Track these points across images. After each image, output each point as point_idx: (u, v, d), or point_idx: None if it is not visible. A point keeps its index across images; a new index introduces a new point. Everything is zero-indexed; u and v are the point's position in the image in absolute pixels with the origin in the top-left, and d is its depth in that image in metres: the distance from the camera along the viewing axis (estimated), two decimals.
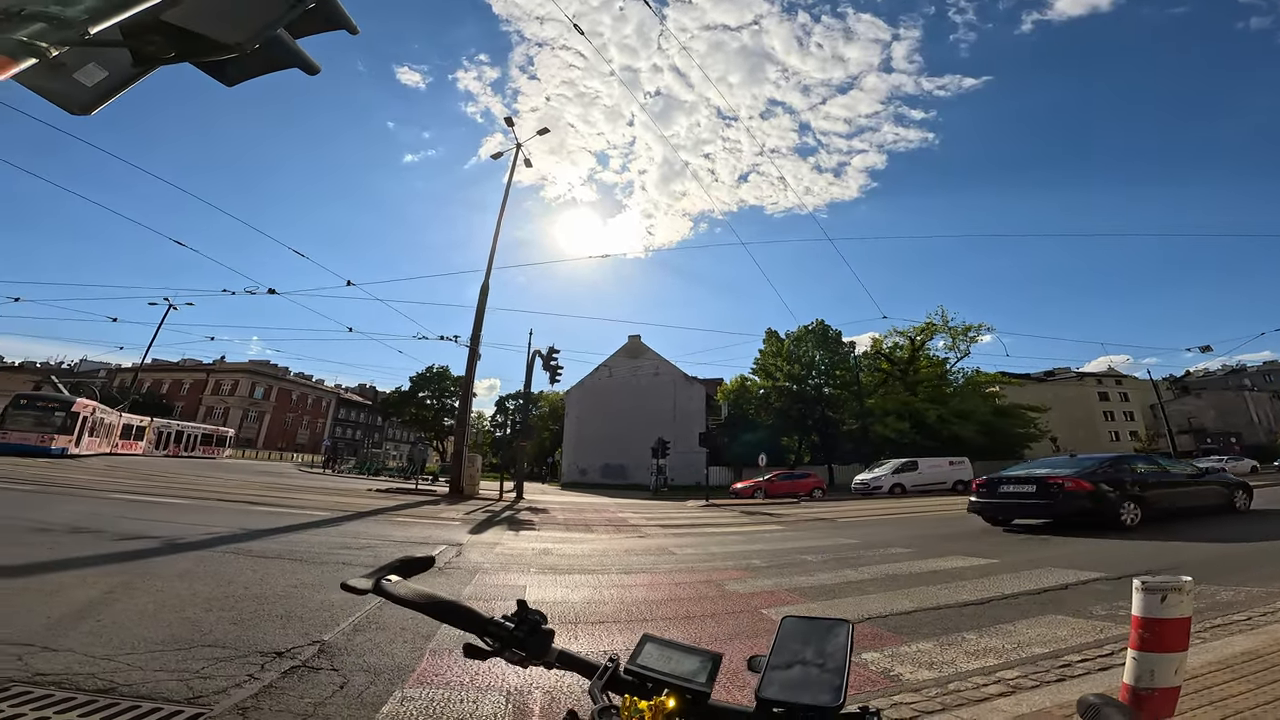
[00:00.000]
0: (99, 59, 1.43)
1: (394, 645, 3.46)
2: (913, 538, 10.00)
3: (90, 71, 1.43)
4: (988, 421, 39.21)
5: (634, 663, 0.74)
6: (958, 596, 5.30)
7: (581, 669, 0.77)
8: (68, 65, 1.38)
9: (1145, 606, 2.23)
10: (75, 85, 1.42)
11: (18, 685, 2.39)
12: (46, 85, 1.38)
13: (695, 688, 0.69)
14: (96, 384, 50.42)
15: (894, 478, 28.53)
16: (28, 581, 4.12)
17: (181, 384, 70.11)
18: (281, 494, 14.67)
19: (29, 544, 5.45)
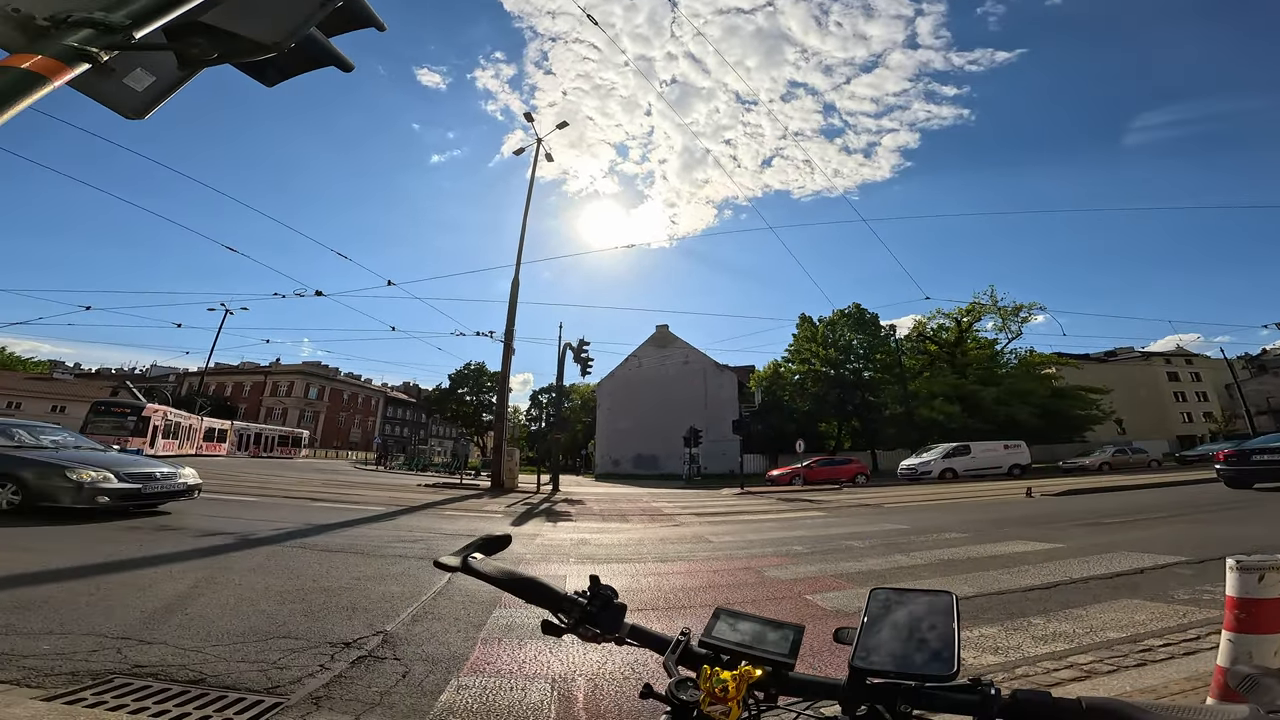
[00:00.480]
0: (146, 63, 1.52)
1: (449, 634, 3.64)
2: (968, 523, 9.67)
3: (139, 76, 1.52)
4: (1045, 403, 37.48)
5: (708, 635, 0.73)
6: (1021, 581, 5.13)
7: (653, 644, 0.76)
8: (118, 71, 1.47)
9: (1241, 586, 2.16)
10: (127, 90, 1.52)
11: (120, 677, 2.63)
12: (101, 91, 1.48)
13: (777, 658, 0.67)
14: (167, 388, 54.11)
15: (944, 462, 27.57)
16: (123, 577, 4.52)
17: (243, 386, 74.37)
18: (341, 490, 15.51)
19: (122, 541, 5.97)
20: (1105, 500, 13.34)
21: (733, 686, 0.60)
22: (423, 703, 2.65)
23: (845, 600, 4.70)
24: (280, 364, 74.99)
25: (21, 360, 66.41)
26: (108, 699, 2.34)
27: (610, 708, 2.66)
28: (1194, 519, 9.22)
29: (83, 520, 7.16)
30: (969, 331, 43.52)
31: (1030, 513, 11.10)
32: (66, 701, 2.23)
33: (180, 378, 68.60)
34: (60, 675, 2.57)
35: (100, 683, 2.52)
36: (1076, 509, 11.39)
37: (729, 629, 0.74)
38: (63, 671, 2.61)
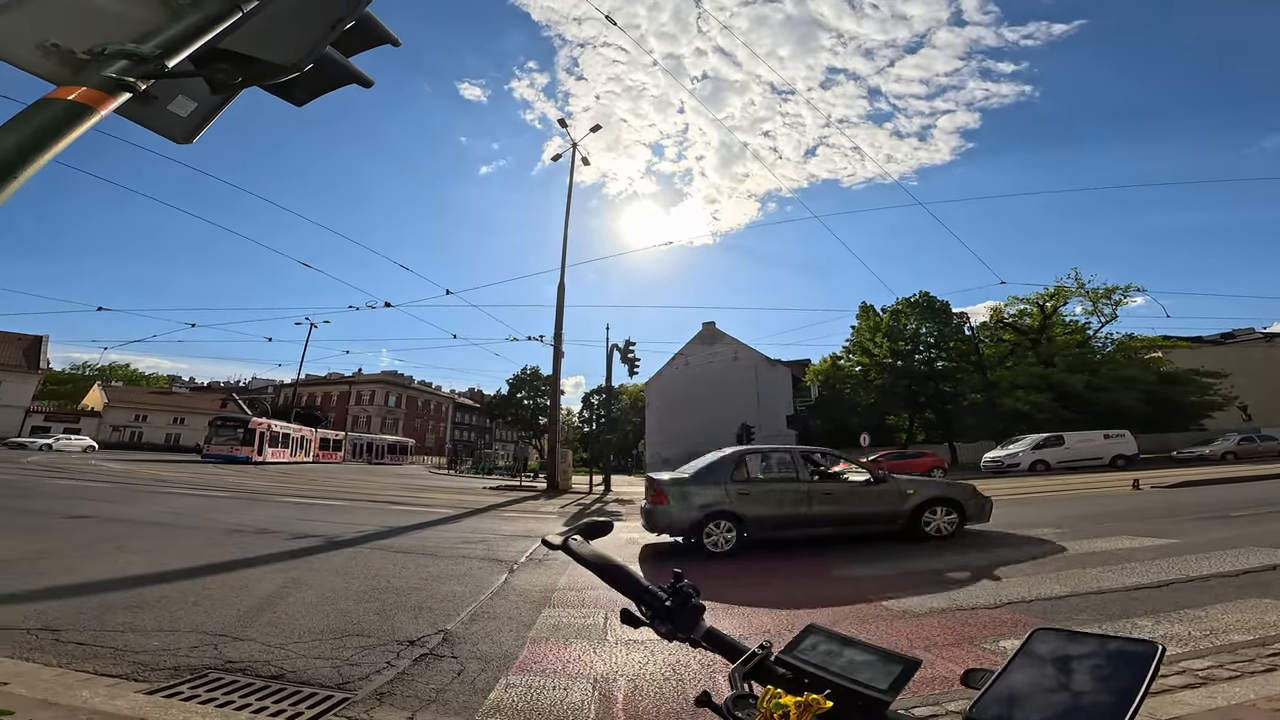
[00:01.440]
0: (186, 90, 1.64)
1: (501, 634, 3.79)
2: (1062, 518, 8.91)
3: (181, 103, 1.64)
4: (1151, 389, 34.03)
5: (790, 653, 0.66)
6: (1125, 579, 4.71)
7: (726, 651, 0.71)
8: (160, 98, 1.60)
9: None
10: (171, 116, 1.64)
11: (213, 672, 2.92)
12: (147, 118, 1.60)
13: (871, 692, 0.58)
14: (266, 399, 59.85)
15: (1034, 454, 25.50)
16: (224, 578, 5.05)
17: (330, 396, 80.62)
18: (415, 494, 16.52)
19: (225, 544, 6.65)
20: (1229, 492, 11.86)
21: (794, 714, 0.53)
22: (474, 700, 2.79)
23: (916, 601, 4.45)
24: (362, 374, 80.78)
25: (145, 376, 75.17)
26: (200, 693, 2.64)
27: (649, 709, 2.68)
28: None
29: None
30: (1054, 316, 40.41)
31: (1138, 506, 10.05)
32: (165, 695, 2.53)
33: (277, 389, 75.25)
34: (164, 670, 2.92)
35: (196, 678, 2.84)
36: (1194, 501, 10.23)
37: (817, 649, 0.65)
38: (166, 666, 2.96)
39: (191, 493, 12.94)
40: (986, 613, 4.05)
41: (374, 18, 1.90)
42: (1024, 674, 0.55)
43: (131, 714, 2.26)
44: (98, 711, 2.23)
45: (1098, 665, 0.53)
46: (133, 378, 71.37)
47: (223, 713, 2.39)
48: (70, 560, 5.30)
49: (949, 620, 3.93)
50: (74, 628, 3.45)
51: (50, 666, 2.81)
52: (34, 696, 2.19)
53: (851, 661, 0.63)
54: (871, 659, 0.62)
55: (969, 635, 3.60)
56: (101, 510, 8.99)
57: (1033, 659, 0.57)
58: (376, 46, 1.99)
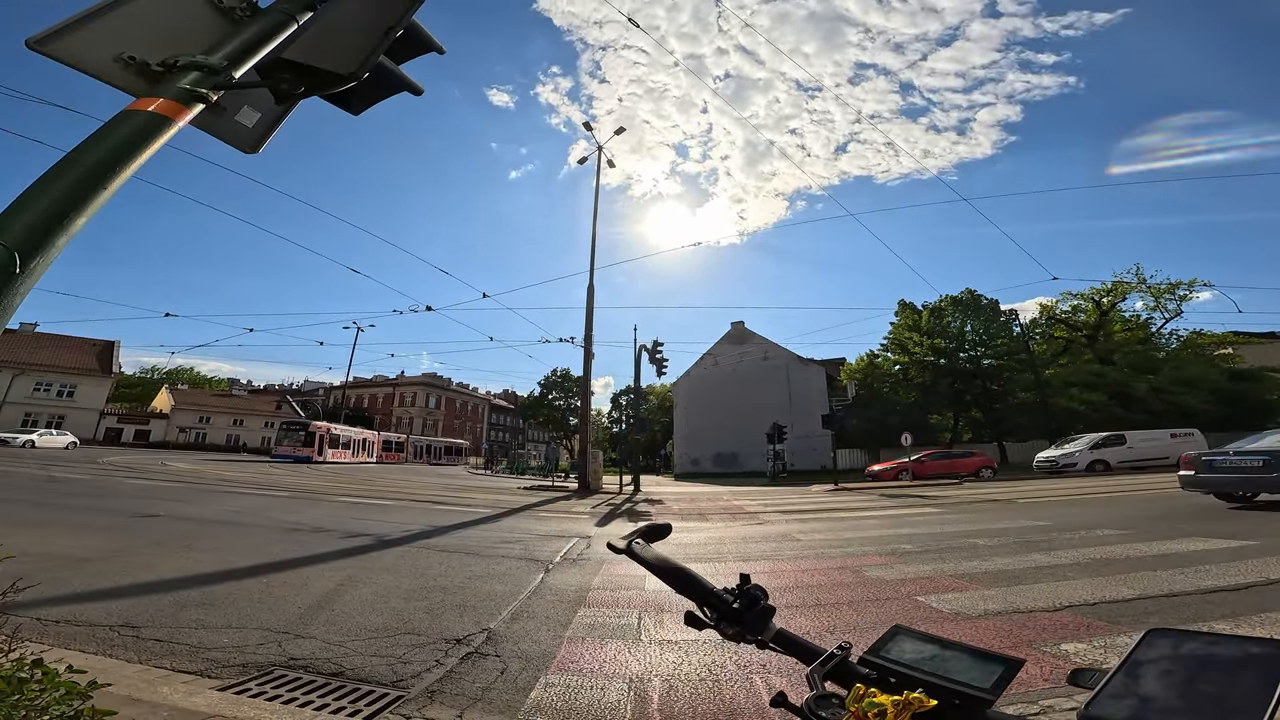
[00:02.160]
0: (251, 101, 1.73)
1: (540, 633, 3.87)
2: (1127, 518, 8.47)
3: (247, 113, 1.73)
4: (1222, 388, 32.18)
5: (876, 654, 0.64)
6: (1200, 582, 4.45)
7: (802, 654, 0.70)
8: (229, 110, 1.68)
9: None
10: (239, 127, 1.72)
11: (278, 669, 3.08)
12: (218, 128, 1.69)
13: (974, 692, 0.56)
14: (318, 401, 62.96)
15: (1093, 453, 24.29)
16: (285, 576, 5.32)
17: (376, 398, 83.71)
18: (456, 493, 17.02)
19: (286, 542, 7.02)
20: None
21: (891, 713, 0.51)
22: (516, 699, 2.86)
23: (968, 602, 4.29)
24: (404, 376, 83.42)
25: (208, 379, 79.58)
26: (267, 689, 2.79)
27: (684, 710, 2.69)
28: None
29: None
30: (1112, 312, 38.73)
31: (1209, 507, 9.41)
32: (236, 691, 2.70)
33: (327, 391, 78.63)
34: (234, 667, 3.11)
35: (263, 674, 3.01)
36: (1273, 502, 9.53)
37: (905, 649, 0.63)
38: (236, 663, 3.16)
39: (253, 492, 13.71)
40: (1045, 616, 3.89)
41: (420, 26, 1.97)
42: (1139, 674, 0.52)
43: (208, 710, 2.43)
44: (177, 708, 2.40)
45: (1222, 667, 0.50)
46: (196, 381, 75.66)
47: (289, 709, 2.53)
48: (144, 558, 5.69)
49: (1004, 623, 3.79)
50: (152, 624, 3.70)
51: (132, 663, 3.04)
52: (119, 693, 2.38)
53: (946, 661, 0.60)
54: (967, 658, 0.60)
55: (1027, 638, 3.46)
56: (171, 509, 9.63)
57: (1148, 660, 0.54)
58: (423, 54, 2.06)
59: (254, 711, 2.46)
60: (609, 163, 24.14)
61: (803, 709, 0.56)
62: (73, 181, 1.25)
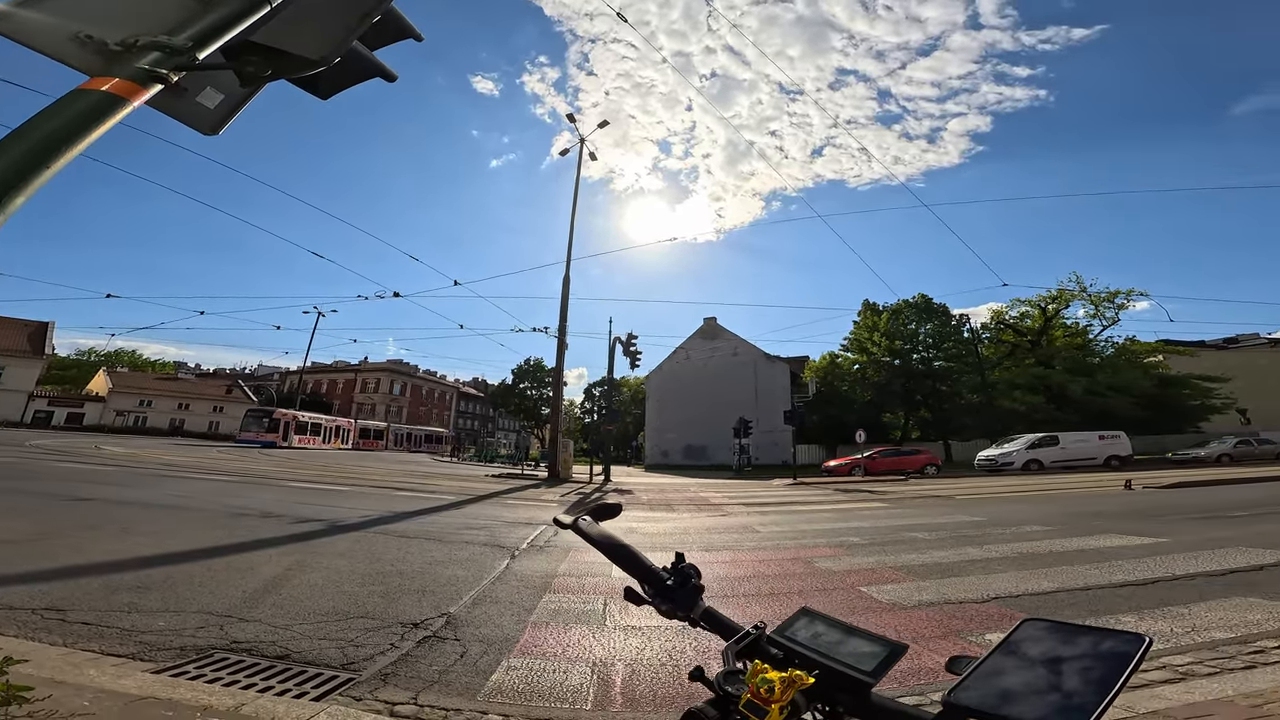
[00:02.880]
0: (214, 82, 1.67)
1: (503, 617, 3.86)
2: (1054, 515, 9.00)
3: (209, 94, 1.68)
4: (1150, 394, 34.63)
5: (782, 634, 0.68)
6: (1112, 577, 4.79)
7: (722, 630, 0.73)
8: (190, 90, 1.63)
9: None
10: (200, 108, 1.67)
11: (219, 652, 2.98)
12: (177, 109, 1.63)
13: (855, 673, 0.59)
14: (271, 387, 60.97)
15: (1029, 453, 25.83)
16: (230, 560, 5.12)
17: (336, 383, 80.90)
18: (418, 480, 16.64)
19: (231, 527, 6.73)
20: (1222, 494, 12.00)
21: (779, 689, 0.55)
22: (475, 681, 2.84)
23: (905, 593, 4.52)
24: (368, 362, 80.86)
25: (151, 362, 75.39)
26: (206, 672, 2.68)
27: (645, 692, 2.75)
28: None
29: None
30: (1055, 319, 41.05)
31: (1129, 506, 10.16)
32: (172, 674, 2.57)
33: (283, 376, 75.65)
34: (170, 650, 2.96)
35: (202, 657, 2.88)
36: (1186, 502, 10.35)
37: (806, 630, 0.68)
38: (173, 646, 3.01)
39: (197, 477, 13.05)
40: (973, 606, 4.12)
41: (398, 12, 1.94)
42: (1006, 661, 0.56)
43: (139, 693, 2.29)
44: (105, 690, 2.26)
45: (1082, 656, 0.53)
46: (138, 364, 71.67)
47: (230, 692, 2.42)
48: (75, 542, 5.37)
49: (936, 613, 3.99)
50: (80, 608, 3.50)
51: (57, 646, 2.85)
52: (41, 675, 2.21)
53: (839, 643, 0.64)
54: (859, 642, 0.64)
55: (955, 628, 3.66)
56: (106, 493, 9.07)
57: (1017, 648, 0.57)
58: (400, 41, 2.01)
59: (190, 693, 2.33)
60: (591, 155, 23.92)
61: (714, 682, 0.60)
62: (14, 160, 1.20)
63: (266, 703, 2.32)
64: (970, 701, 0.52)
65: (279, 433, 40.60)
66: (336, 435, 49.02)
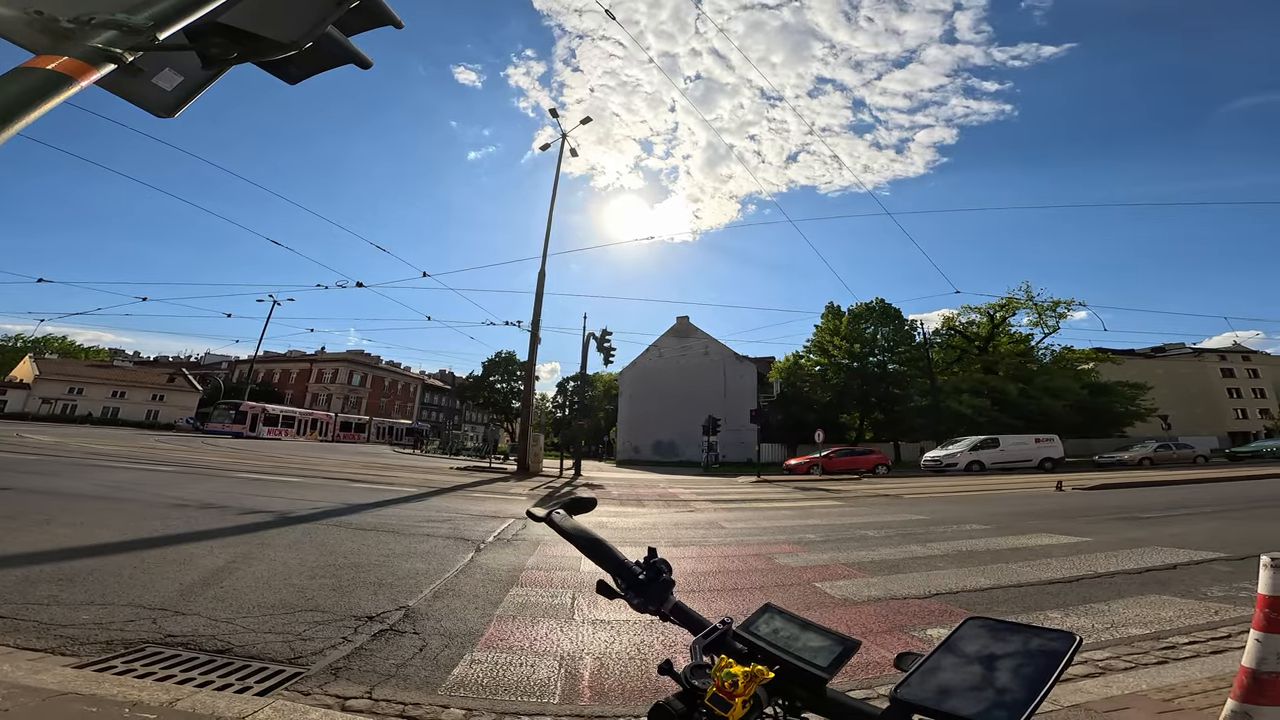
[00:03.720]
0: (173, 63, 1.55)
1: (467, 611, 3.75)
2: (992, 515, 9.44)
3: (167, 76, 1.55)
4: (1081, 399, 36.75)
5: (746, 629, 0.71)
6: (1041, 574, 5.04)
7: (691, 625, 0.75)
8: (146, 71, 1.50)
9: (1275, 585, 2.06)
10: (156, 90, 1.54)
11: (152, 646, 2.79)
12: (131, 91, 1.51)
13: (810, 669, 0.62)
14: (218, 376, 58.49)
15: (971, 454, 27.10)
16: (165, 552, 4.80)
17: (290, 373, 77.53)
18: (377, 472, 16.07)
19: (168, 518, 6.33)
20: (1142, 495, 12.85)
21: (742, 683, 0.57)
22: (436, 675, 2.72)
23: (855, 589, 4.66)
24: (325, 352, 77.76)
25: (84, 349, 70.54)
26: (137, 667, 2.48)
27: (614, 686, 2.71)
28: (1240, 516, 8.80)
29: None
30: (1001, 326, 43.10)
31: (1059, 506, 10.76)
32: (97, 669, 2.36)
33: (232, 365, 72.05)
34: (95, 644, 2.74)
35: (132, 651, 2.67)
36: (1110, 504, 11.02)
37: (770, 627, 0.71)
38: (98, 640, 2.78)
39: (130, 466, 12.22)
40: (917, 602, 4.26)
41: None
42: (949, 659, 0.59)
43: (58, 688, 2.09)
44: (19, 685, 2.06)
45: (1018, 654, 0.57)
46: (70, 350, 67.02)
47: (163, 687, 2.24)
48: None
49: (884, 609, 4.11)
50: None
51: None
52: None
53: (799, 640, 0.67)
54: (817, 639, 0.67)
55: (901, 623, 3.79)
56: (26, 483, 8.39)
57: (959, 645, 0.60)
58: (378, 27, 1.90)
59: (117, 688, 2.15)
60: (572, 151, 23.69)
61: (681, 676, 0.61)
62: None
63: (205, 697, 2.15)
64: (914, 697, 0.55)
65: (246, 424, 42.25)
66: (313, 428, 49.96)
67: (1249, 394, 61.42)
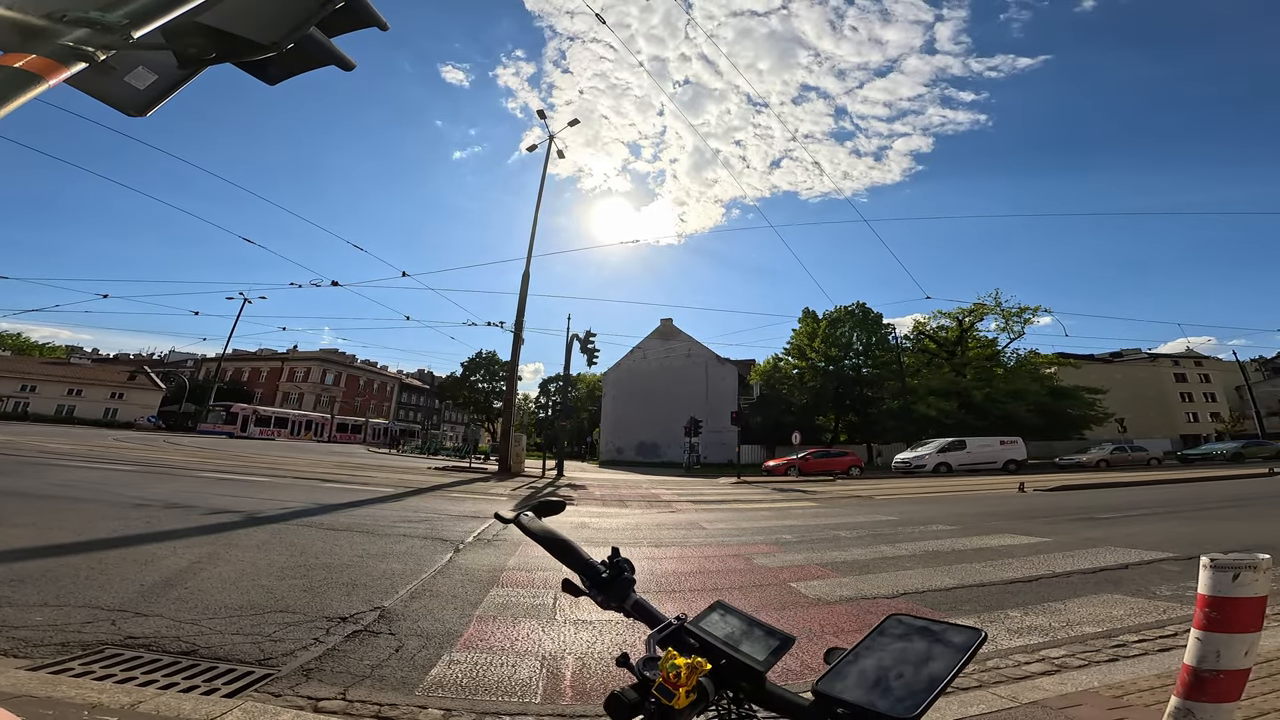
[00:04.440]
0: (147, 62, 1.48)
1: (445, 611, 3.69)
2: (958, 516, 9.70)
3: (140, 74, 1.48)
4: (1042, 402, 37.95)
5: (696, 624, 0.74)
6: (1003, 574, 5.17)
7: (649, 620, 0.78)
8: (118, 69, 1.44)
9: (1214, 585, 2.13)
10: (128, 88, 1.47)
11: (111, 648, 2.70)
12: (101, 89, 1.44)
13: (749, 663, 0.66)
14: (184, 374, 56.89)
15: (939, 456, 27.81)
16: (125, 552, 4.63)
17: (260, 372, 75.24)
18: (350, 471, 15.73)
19: (129, 518, 6.10)
20: (1099, 496, 13.29)
21: (684, 674, 0.60)
22: (413, 676, 2.68)
23: (828, 589, 4.74)
24: (297, 351, 75.69)
25: (38, 346, 67.47)
26: (95, 669, 2.38)
27: (596, 685, 2.71)
28: (1190, 516, 9.17)
29: None
30: (970, 331, 44.14)
31: (1021, 507, 11.08)
32: (52, 671, 2.26)
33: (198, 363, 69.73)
34: (49, 646, 2.62)
35: (90, 653, 2.57)
36: (1069, 504, 11.38)
37: (718, 623, 0.74)
38: (53, 642, 2.67)
39: (87, 465, 11.71)
40: (886, 602, 4.36)
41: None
42: (869, 654, 0.63)
43: (11, 690, 2.01)
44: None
45: (930, 648, 0.61)
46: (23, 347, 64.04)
47: (124, 689, 2.16)
48: None
49: (854, 608, 4.20)
50: None
51: None
52: None
53: (743, 634, 0.71)
54: (757, 634, 0.71)
55: (870, 621, 3.86)
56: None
57: (880, 641, 0.65)
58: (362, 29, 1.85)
59: (75, 691, 2.06)
60: (559, 153, 23.55)
61: (635, 667, 0.65)
62: None
63: (170, 699, 2.08)
64: (833, 690, 0.59)
65: (238, 424, 44.16)
66: (307, 428, 51.58)
67: (1200, 398, 64.07)
